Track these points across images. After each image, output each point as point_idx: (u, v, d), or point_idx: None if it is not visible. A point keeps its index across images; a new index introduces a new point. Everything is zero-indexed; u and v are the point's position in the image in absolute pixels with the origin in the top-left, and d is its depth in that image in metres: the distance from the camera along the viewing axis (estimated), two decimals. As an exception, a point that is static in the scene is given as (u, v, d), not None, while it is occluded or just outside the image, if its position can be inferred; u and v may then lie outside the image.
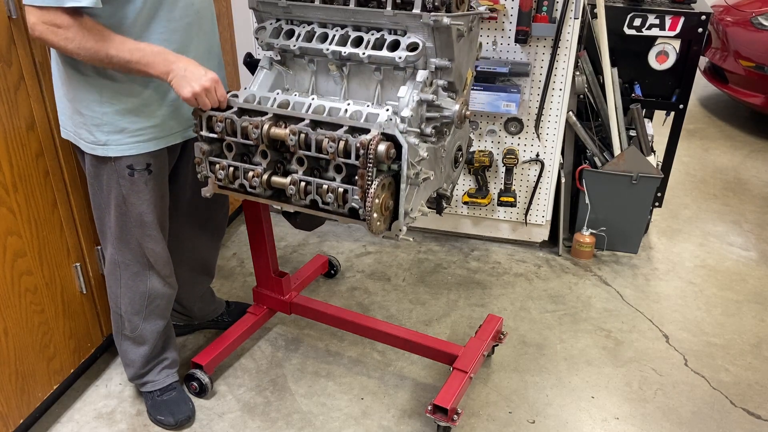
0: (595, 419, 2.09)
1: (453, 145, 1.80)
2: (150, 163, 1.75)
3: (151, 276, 1.91)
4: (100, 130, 1.68)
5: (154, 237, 1.85)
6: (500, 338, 2.27)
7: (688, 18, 2.68)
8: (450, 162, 1.82)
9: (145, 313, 1.95)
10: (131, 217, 1.80)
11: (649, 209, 2.97)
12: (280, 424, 2.06)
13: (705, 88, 5.07)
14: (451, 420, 1.90)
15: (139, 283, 1.91)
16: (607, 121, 2.80)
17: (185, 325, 2.41)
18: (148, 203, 1.80)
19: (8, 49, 1.68)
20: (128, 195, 1.76)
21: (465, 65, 1.72)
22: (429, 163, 1.65)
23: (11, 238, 1.77)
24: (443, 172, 1.79)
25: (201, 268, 2.25)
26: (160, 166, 1.79)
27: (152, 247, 1.86)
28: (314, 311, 2.31)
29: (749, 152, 4.18)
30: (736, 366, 2.32)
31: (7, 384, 1.83)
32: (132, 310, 1.94)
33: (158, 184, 1.81)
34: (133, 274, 1.90)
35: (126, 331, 1.98)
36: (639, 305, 2.64)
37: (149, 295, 1.93)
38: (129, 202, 1.78)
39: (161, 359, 2.08)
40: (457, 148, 1.84)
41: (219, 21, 2.74)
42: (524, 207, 2.91)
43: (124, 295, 1.93)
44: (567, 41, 2.52)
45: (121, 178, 1.74)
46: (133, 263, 1.88)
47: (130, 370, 2.07)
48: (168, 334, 2.09)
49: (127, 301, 1.93)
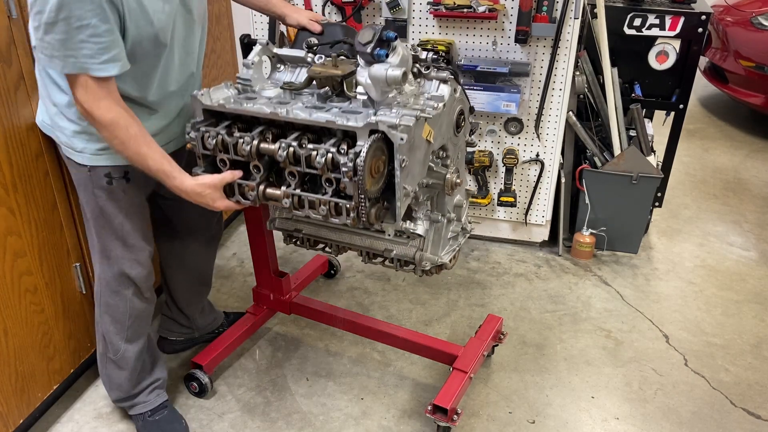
0: (595, 419, 2.09)
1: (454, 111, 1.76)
2: (128, 171, 1.70)
3: (129, 292, 1.85)
4: (78, 138, 1.64)
5: (135, 247, 1.79)
6: (500, 338, 2.27)
7: (688, 18, 2.68)
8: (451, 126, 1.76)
9: (127, 334, 1.89)
10: (111, 229, 1.75)
11: (649, 209, 2.97)
12: (280, 424, 2.06)
13: (705, 88, 5.07)
14: (450, 420, 1.90)
15: (119, 301, 1.84)
16: (607, 121, 2.80)
17: (186, 339, 2.33)
18: (127, 212, 1.75)
19: (8, 49, 1.68)
20: (105, 205, 1.72)
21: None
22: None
23: (11, 238, 1.77)
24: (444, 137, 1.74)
25: (199, 278, 2.22)
26: (139, 174, 1.70)
27: (134, 257, 1.80)
28: (314, 311, 2.31)
29: (749, 152, 4.18)
30: (736, 366, 2.32)
31: (7, 384, 1.83)
32: (114, 330, 1.88)
33: (137, 193, 1.77)
34: (113, 292, 1.84)
35: (110, 353, 1.92)
36: (639, 305, 2.64)
37: (130, 314, 1.87)
38: (106, 213, 1.73)
39: (152, 381, 2.01)
40: (459, 112, 1.76)
41: (219, 21, 2.76)
42: (524, 207, 2.91)
43: (105, 314, 1.87)
44: (567, 41, 2.52)
45: (97, 187, 1.70)
46: (112, 280, 1.82)
47: (114, 393, 2.00)
48: (154, 353, 2.03)
49: (108, 320, 1.88)
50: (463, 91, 1.77)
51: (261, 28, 2.79)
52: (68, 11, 1.35)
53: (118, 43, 1.45)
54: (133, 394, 1.98)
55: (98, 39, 1.40)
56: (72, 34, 1.38)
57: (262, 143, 1.55)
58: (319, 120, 1.48)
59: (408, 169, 1.53)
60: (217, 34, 2.75)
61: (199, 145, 1.62)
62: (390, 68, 1.50)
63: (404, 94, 1.59)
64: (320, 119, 1.48)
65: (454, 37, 2.62)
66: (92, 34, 1.39)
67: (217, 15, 2.73)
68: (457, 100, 1.71)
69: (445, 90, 1.65)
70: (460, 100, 1.74)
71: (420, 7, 2.59)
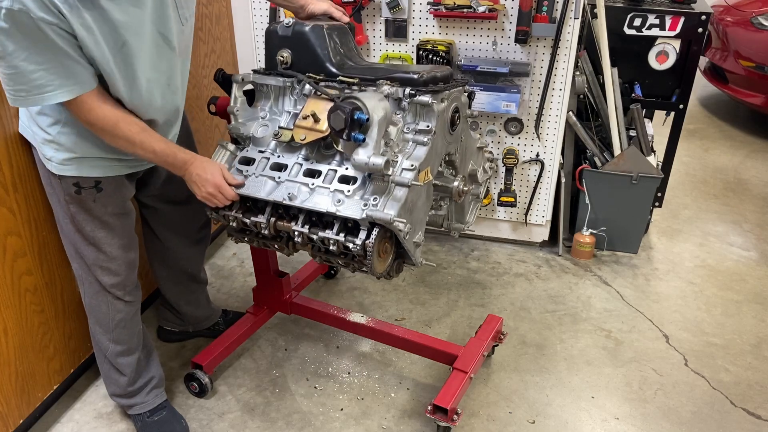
0: (595, 419, 2.09)
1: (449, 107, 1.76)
2: (100, 182, 1.66)
3: (109, 296, 1.83)
4: (47, 146, 1.61)
5: (110, 255, 1.76)
6: (500, 338, 2.27)
7: (688, 18, 2.68)
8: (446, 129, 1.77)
9: (113, 335, 1.88)
10: (83, 236, 1.72)
11: (649, 209, 2.97)
12: (280, 424, 2.06)
13: (705, 88, 5.07)
14: (450, 420, 1.90)
15: (101, 302, 1.83)
16: (607, 121, 2.80)
17: (180, 331, 2.37)
18: (101, 221, 1.71)
19: (8, 49, 1.67)
20: (76, 213, 1.69)
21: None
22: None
23: (11, 238, 1.77)
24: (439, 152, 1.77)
25: (186, 276, 2.22)
26: (114, 184, 1.69)
27: (108, 267, 1.77)
28: (314, 311, 2.31)
29: (749, 152, 4.18)
30: (736, 366, 2.32)
31: (7, 384, 1.83)
32: (100, 330, 1.88)
33: (112, 201, 1.71)
34: (94, 293, 1.82)
35: (104, 351, 1.91)
36: (639, 305, 2.63)
37: (113, 317, 1.85)
38: (77, 221, 1.70)
39: (148, 378, 2.00)
40: (453, 110, 1.76)
41: (219, 21, 2.76)
42: (524, 207, 2.91)
43: (90, 314, 1.87)
44: (567, 41, 2.52)
45: (67, 194, 1.66)
46: (93, 282, 1.80)
47: (112, 388, 1.99)
48: (149, 352, 2.02)
49: (93, 321, 1.87)
50: (462, 87, 1.76)
51: (261, 28, 2.79)
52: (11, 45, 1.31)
53: (73, 66, 1.40)
54: (130, 392, 1.98)
55: (46, 66, 1.36)
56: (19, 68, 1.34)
57: (279, 221, 1.71)
58: (321, 209, 1.61)
59: (413, 225, 1.65)
60: (217, 34, 2.75)
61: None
62: (372, 157, 1.54)
63: (391, 140, 1.62)
64: (322, 208, 1.61)
65: (454, 37, 2.62)
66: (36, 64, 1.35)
67: (217, 15, 2.73)
68: (448, 103, 1.70)
69: (430, 119, 1.64)
70: (453, 99, 1.73)
71: (420, 7, 2.59)
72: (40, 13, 1.29)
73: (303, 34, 1.72)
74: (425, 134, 1.63)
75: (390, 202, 1.56)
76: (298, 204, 1.63)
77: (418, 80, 1.66)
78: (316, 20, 1.82)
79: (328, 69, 1.74)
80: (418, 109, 1.66)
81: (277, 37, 1.76)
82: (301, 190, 1.65)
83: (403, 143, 1.65)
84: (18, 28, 1.29)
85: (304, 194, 1.65)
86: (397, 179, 1.57)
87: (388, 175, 1.57)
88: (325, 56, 1.73)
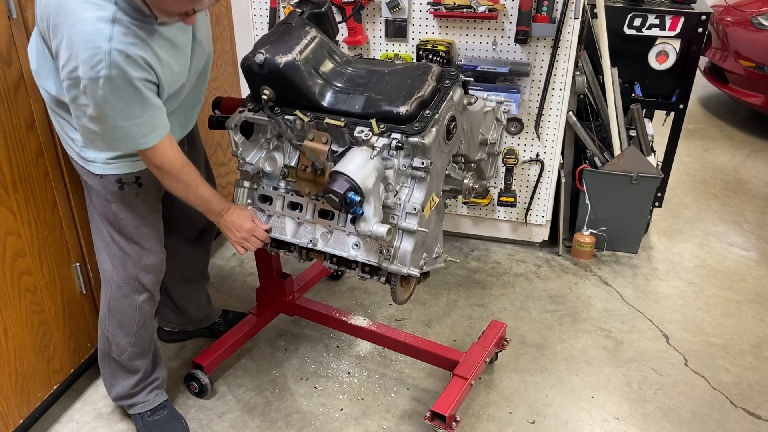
0: (595, 419, 2.09)
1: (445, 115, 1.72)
2: (139, 176, 1.72)
3: (140, 298, 1.86)
4: (88, 149, 1.64)
5: (151, 251, 1.82)
6: (503, 344, 2.25)
7: (688, 18, 2.68)
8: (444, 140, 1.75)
9: (134, 338, 1.89)
10: (126, 234, 1.77)
11: (649, 209, 2.97)
12: (280, 424, 2.06)
13: (705, 88, 5.07)
14: (449, 427, 1.89)
15: (128, 305, 1.85)
16: (607, 121, 2.80)
17: (180, 331, 2.37)
18: (143, 216, 1.77)
19: (8, 49, 1.68)
20: (118, 211, 1.73)
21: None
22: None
23: (11, 238, 1.77)
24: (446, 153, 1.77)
25: (189, 273, 2.23)
26: (150, 178, 1.72)
27: (149, 263, 1.82)
28: (316, 313, 2.30)
29: (749, 152, 4.18)
30: (736, 366, 2.32)
31: (7, 384, 1.83)
32: (121, 333, 1.88)
33: (150, 196, 1.78)
34: (123, 297, 1.84)
35: (114, 353, 1.91)
36: (639, 305, 2.63)
37: (138, 319, 1.88)
38: (120, 218, 1.74)
39: (151, 380, 2.00)
40: (450, 119, 1.69)
41: (219, 21, 2.75)
42: (524, 207, 2.91)
43: (112, 317, 1.87)
44: (567, 41, 2.52)
45: (110, 193, 1.71)
46: (124, 285, 1.83)
47: (114, 391, 2.00)
48: (156, 353, 2.03)
49: (115, 324, 1.87)
50: (462, 85, 1.74)
51: (261, 28, 2.79)
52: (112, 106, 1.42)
53: (158, 114, 1.51)
54: (133, 393, 1.98)
55: (138, 120, 1.47)
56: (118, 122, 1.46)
57: (309, 252, 1.85)
58: (341, 254, 1.74)
59: (429, 251, 1.74)
60: (217, 34, 2.75)
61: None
62: (374, 227, 1.58)
63: (390, 184, 1.64)
64: (342, 254, 1.74)
65: (454, 37, 2.62)
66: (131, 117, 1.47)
67: (217, 15, 2.73)
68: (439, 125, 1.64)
69: (425, 155, 1.62)
70: (444, 113, 1.65)
71: (420, 7, 2.59)
72: (136, 73, 1.39)
73: (279, 73, 1.65)
74: (422, 170, 1.63)
75: (401, 255, 1.64)
76: (320, 249, 1.76)
77: (404, 116, 1.60)
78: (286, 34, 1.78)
79: (315, 102, 1.69)
80: (411, 147, 1.63)
81: (254, 74, 1.69)
82: (320, 231, 1.77)
83: (402, 178, 1.66)
84: (114, 91, 1.39)
85: (325, 237, 1.77)
86: (404, 226, 1.63)
87: (395, 224, 1.63)
88: (308, 90, 1.68)
